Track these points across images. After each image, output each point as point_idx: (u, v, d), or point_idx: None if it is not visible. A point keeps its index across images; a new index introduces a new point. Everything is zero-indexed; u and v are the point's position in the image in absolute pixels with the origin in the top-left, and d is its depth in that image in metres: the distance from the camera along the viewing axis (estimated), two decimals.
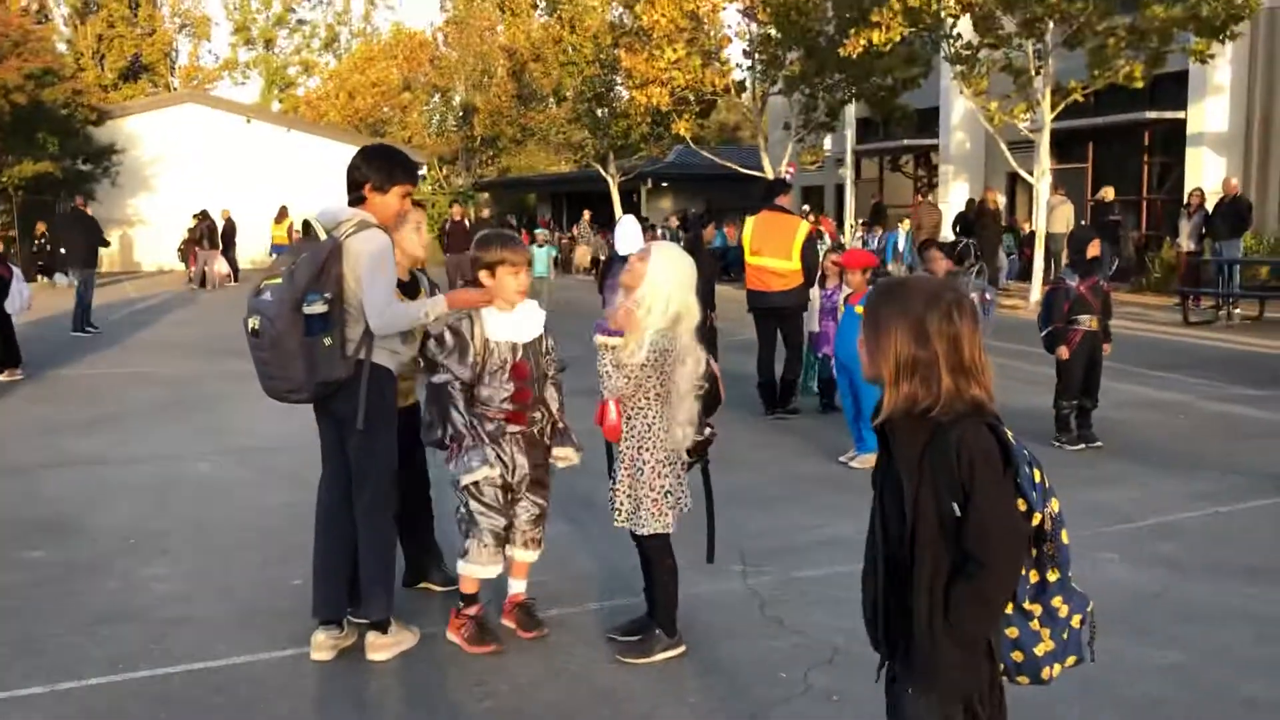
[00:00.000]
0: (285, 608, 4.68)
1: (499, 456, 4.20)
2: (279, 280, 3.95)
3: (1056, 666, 2.25)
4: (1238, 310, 15.81)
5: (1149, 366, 11.36)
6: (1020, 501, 2.15)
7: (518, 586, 4.49)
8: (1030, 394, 9.73)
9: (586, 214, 31.73)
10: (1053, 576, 2.17)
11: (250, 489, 6.89)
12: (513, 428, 4.27)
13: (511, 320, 4.23)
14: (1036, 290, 17.55)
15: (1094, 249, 8.04)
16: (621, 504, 4.12)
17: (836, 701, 3.82)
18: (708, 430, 4.22)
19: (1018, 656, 2.24)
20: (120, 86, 47.04)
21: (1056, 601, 2.18)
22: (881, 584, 2.30)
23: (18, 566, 5.41)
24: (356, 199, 4.20)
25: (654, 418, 4.05)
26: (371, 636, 4.23)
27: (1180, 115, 20.45)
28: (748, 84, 25.24)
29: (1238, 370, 11.06)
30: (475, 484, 4.17)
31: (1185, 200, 18.07)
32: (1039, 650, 2.18)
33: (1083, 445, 7.80)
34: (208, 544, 5.76)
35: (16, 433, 8.87)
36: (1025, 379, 10.50)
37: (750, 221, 9.27)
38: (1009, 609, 2.19)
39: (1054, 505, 2.17)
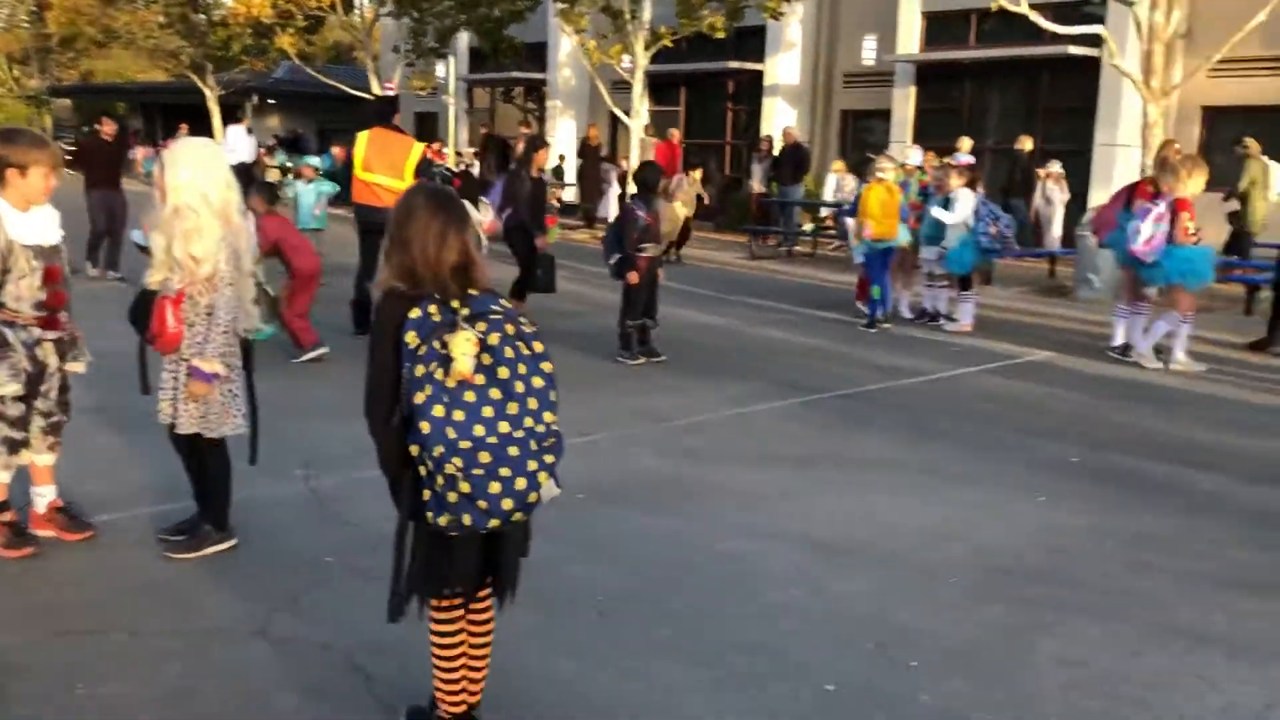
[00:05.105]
0: None
1: (32, 362, 4.12)
2: None
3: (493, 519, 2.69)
4: (798, 247, 17.79)
5: (714, 294, 12.62)
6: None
7: (50, 492, 4.44)
8: (599, 315, 10.54)
9: (184, 127, 29.65)
10: (426, 428, 2.62)
11: None
12: (49, 334, 4.20)
13: (35, 222, 4.12)
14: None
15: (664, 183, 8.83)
16: (188, 409, 4.17)
17: (376, 580, 4.15)
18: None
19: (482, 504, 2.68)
20: None
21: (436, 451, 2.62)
22: None
23: None
24: None
25: (222, 318, 4.10)
26: None
27: (759, 66, 22.37)
28: (357, 3, 24.63)
29: (786, 297, 12.54)
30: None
31: (757, 146, 19.92)
32: (451, 498, 2.66)
33: (643, 360, 8.63)
34: None
35: None
36: (599, 304, 11.35)
37: (363, 137, 9.26)
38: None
39: (419, 370, 2.63)
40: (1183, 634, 3.92)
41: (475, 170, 23.56)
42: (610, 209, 20.03)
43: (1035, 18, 13.17)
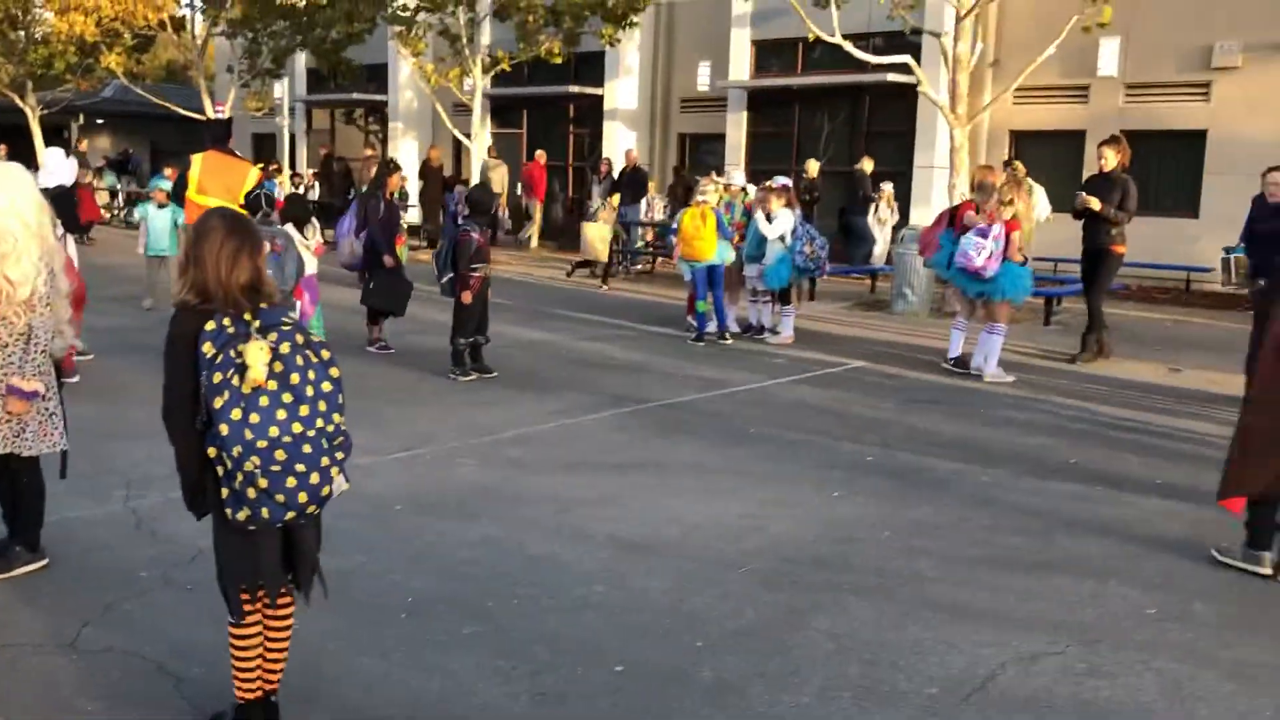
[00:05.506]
0: None
1: None
2: None
3: (288, 513, 2.94)
4: (637, 265, 18.25)
5: (551, 310, 12.90)
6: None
7: None
8: (434, 333, 10.68)
9: (2, 148, 28.37)
10: (224, 430, 2.84)
11: None
12: None
13: None
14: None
15: (502, 206, 9.09)
16: (2, 430, 4.20)
17: (190, 590, 4.29)
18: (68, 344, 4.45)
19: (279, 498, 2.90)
20: None
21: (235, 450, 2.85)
22: None
23: None
24: None
25: (42, 338, 4.17)
26: None
27: (599, 91, 22.85)
28: (189, 22, 24.11)
29: (622, 313, 12.90)
30: None
31: (596, 168, 20.36)
32: (249, 494, 2.89)
33: (475, 376, 8.83)
34: None
35: None
36: (435, 322, 11.50)
37: (197, 160, 9.26)
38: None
39: (216, 377, 2.86)
40: (941, 608, 4.37)
41: (316, 192, 23.36)
42: None
43: (849, 48, 13.95)
